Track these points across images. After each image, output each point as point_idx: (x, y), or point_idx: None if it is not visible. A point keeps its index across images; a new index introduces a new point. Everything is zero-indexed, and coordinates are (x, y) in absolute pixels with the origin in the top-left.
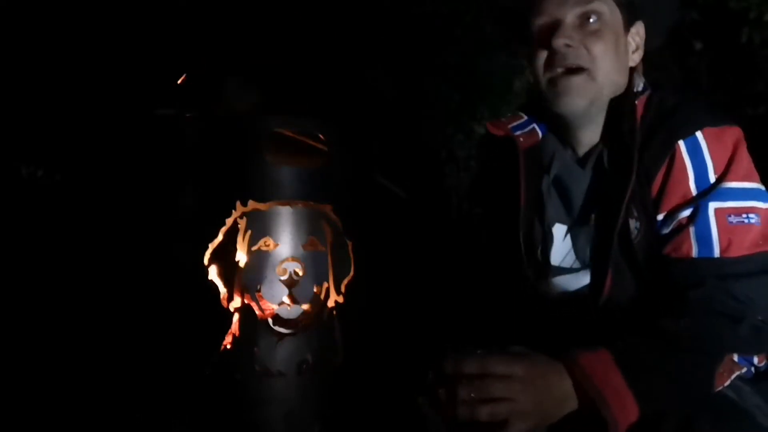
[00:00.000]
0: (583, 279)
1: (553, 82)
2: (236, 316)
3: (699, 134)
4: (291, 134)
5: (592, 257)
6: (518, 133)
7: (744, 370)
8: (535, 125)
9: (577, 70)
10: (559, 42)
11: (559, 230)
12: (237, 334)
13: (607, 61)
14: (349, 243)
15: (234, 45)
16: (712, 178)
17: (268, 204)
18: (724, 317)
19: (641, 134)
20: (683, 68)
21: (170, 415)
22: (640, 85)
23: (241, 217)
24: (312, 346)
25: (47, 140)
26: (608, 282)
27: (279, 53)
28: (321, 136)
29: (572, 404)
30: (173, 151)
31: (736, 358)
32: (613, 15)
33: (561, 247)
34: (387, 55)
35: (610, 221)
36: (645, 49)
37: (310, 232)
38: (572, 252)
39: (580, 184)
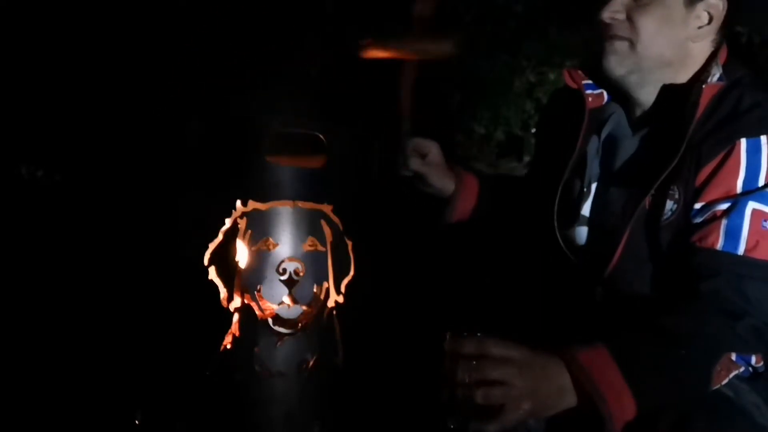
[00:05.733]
0: (597, 238)
1: (600, 44)
2: (236, 316)
3: (764, 138)
4: (291, 134)
5: (614, 219)
6: (588, 92)
7: (741, 369)
8: (603, 90)
9: (619, 37)
10: (603, 15)
11: (595, 187)
12: (237, 334)
13: (650, 34)
14: (349, 243)
15: (234, 45)
16: (761, 182)
17: (268, 204)
18: (725, 315)
19: (709, 124)
20: None
21: (170, 415)
22: (716, 75)
23: (241, 217)
24: (312, 346)
25: (47, 140)
26: (621, 247)
27: (279, 54)
28: (321, 136)
29: (571, 400)
30: (174, 152)
31: (734, 357)
32: None
33: (593, 203)
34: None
35: (640, 193)
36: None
37: (310, 232)
38: (596, 207)
39: (627, 149)
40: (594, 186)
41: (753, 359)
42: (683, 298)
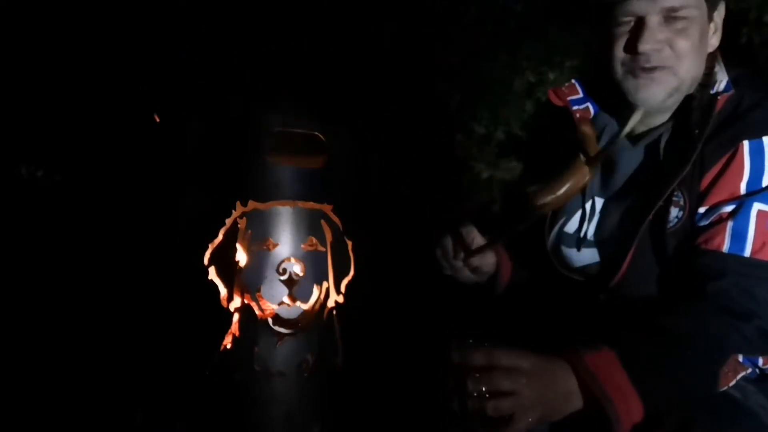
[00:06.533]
0: (602, 253)
1: (632, 74)
2: (236, 316)
3: (766, 139)
4: (291, 134)
5: (618, 234)
6: (575, 108)
7: (749, 371)
8: (589, 103)
9: (661, 66)
10: (645, 47)
11: (596, 203)
12: (237, 334)
13: (691, 57)
14: (349, 243)
15: (235, 45)
16: (766, 182)
17: (268, 204)
18: (732, 315)
19: (711, 127)
20: None
21: (171, 415)
22: (723, 83)
23: (241, 217)
24: (312, 346)
25: (47, 140)
26: (627, 261)
27: (279, 54)
28: (321, 136)
29: (577, 403)
30: (173, 151)
31: (741, 358)
32: (700, 9)
33: (593, 219)
34: (387, 55)
35: (648, 203)
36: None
37: (310, 232)
38: (601, 225)
39: (629, 161)
40: (591, 202)
41: (760, 361)
42: (688, 299)
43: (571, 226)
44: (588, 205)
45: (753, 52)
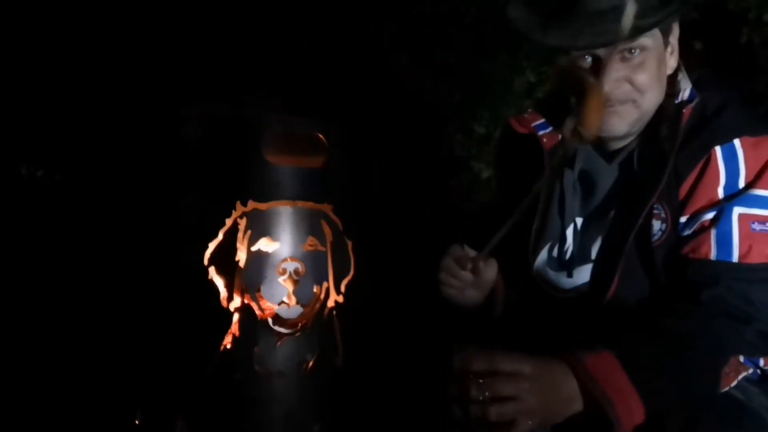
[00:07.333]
0: (590, 274)
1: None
2: (236, 316)
3: (737, 142)
4: (291, 134)
5: (603, 253)
6: (541, 133)
7: (750, 371)
8: (553, 128)
9: (622, 101)
10: (605, 87)
11: (577, 224)
12: (237, 334)
13: (651, 89)
14: (349, 243)
15: (234, 45)
16: (742, 185)
17: (268, 204)
18: (731, 319)
19: (680, 136)
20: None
21: (171, 414)
22: (687, 91)
23: (241, 217)
24: (312, 346)
25: (47, 140)
26: (616, 279)
27: (280, 54)
28: (321, 136)
29: (578, 405)
30: (174, 151)
31: (742, 359)
32: (655, 38)
33: (574, 241)
34: (387, 55)
35: (630, 219)
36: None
37: (310, 232)
38: (584, 245)
39: (606, 178)
40: (572, 224)
41: (762, 361)
42: (685, 303)
43: (555, 250)
44: (570, 228)
45: (753, 52)
